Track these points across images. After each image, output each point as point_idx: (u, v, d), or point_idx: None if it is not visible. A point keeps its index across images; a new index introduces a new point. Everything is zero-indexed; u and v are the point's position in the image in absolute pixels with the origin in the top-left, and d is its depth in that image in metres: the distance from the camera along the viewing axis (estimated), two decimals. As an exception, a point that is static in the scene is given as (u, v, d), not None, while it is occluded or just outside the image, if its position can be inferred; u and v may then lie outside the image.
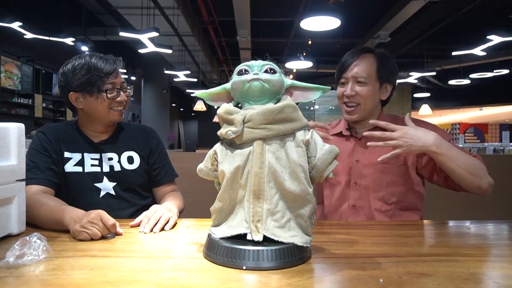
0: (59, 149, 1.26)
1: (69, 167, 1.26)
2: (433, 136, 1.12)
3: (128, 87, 1.31)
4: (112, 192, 1.29)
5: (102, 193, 1.28)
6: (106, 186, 1.28)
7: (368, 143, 1.15)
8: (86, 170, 1.27)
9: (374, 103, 1.32)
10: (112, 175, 1.29)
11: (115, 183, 1.29)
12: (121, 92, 1.27)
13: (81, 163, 1.27)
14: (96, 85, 1.21)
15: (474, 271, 0.72)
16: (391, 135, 1.12)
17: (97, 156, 1.29)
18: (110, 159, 1.31)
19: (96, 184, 1.27)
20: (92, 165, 1.28)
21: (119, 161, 1.32)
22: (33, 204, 1.04)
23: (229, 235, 0.75)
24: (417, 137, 1.11)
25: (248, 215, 0.73)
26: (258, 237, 0.72)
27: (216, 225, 0.80)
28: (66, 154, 1.27)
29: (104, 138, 1.33)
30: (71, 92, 1.25)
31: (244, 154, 0.74)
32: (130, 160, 1.34)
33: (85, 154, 1.28)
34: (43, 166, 1.20)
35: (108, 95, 1.24)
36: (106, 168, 1.29)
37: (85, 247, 0.85)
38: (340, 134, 1.41)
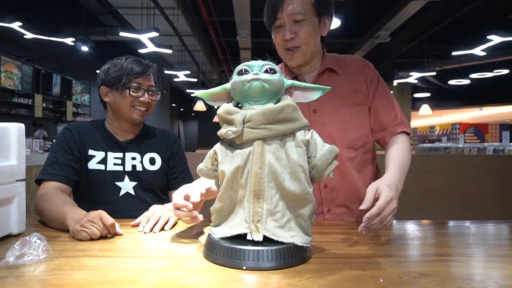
0: (83, 147, 1.30)
1: (92, 164, 1.30)
2: (393, 185, 1.00)
3: (156, 92, 1.37)
4: (132, 192, 1.32)
5: (122, 192, 1.31)
6: (127, 185, 1.31)
7: (363, 231, 0.87)
8: (108, 169, 1.31)
9: (316, 42, 1.21)
10: (133, 174, 1.33)
11: (135, 183, 1.33)
12: (146, 94, 1.32)
13: (104, 161, 1.31)
14: (123, 82, 1.29)
15: (474, 271, 0.72)
16: (380, 209, 0.88)
17: (120, 155, 1.33)
18: (133, 158, 1.35)
19: (117, 183, 1.30)
20: (114, 164, 1.32)
21: (141, 161, 1.35)
22: (43, 201, 1.10)
23: (229, 235, 0.75)
24: (393, 194, 0.94)
25: (248, 215, 0.73)
26: (258, 237, 0.72)
27: (216, 225, 0.80)
28: (90, 152, 1.31)
29: (129, 138, 1.38)
30: (102, 86, 1.34)
31: (244, 154, 0.74)
32: (152, 161, 1.38)
33: (109, 153, 1.33)
34: (63, 162, 1.24)
35: (132, 93, 1.30)
36: (128, 167, 1.33)
37: (85, 247, 0.85)
38: None
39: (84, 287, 0.62)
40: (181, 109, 19.02)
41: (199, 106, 11.14)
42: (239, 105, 0.81)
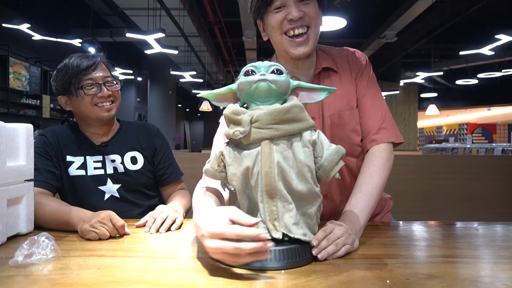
0: (60, 153, 1.26)
1: (73, 170, 1.26)
2: (355, 225, 0.89)
3: (114, 81, 1.27)
4: (117, 195, 1.29)
5: (107, 196, 1.28)
6: (110, 188, 1.28)
7: (319, 256, 0.75)
8: (89, 173, 1.27)
9: (320, 28, 1.05)
10: (115, 177, 1.29)
11: (119, 185, 1.29)
12: (103, 87, 1.24)
13: (84, 166, 1.27)
14: (74, 83, 1.20)
15: (482, 273, 0.71)
16: (335, 236, 0.79)
17: (99, 158, 1.29)
18: (113, 161, 1.30)
19: (100, 187, 1.27)
20: (95, 168, 1.28)
21: (122, 162, 1.31)
22: (35, 205, 1.04)
23: None
24: (351, 228, 0.85)
25: (264, 215, 0.73)
26: (278, 235, 0.72)
27: None
28: (69, 158, 1.27)
29: (105, 140, 1.32)
30: (59, 96, 1.27)
31: (252, 155, 0.74)
32: (134, 160, 1.33)
33: (88, 157, 1.28)
34: (42, 168, 1.20)
35: (86, 91, 1.21)
36: (109, 170, 1.29)
37: (92, 247, 0.86)
38: None
39: (91, 286, 0.62)
40: (187, 110, 19.09)
41: (205, 107, 11.17)
42: (245, 105, 0.82)
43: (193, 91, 12.69)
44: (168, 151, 1.42)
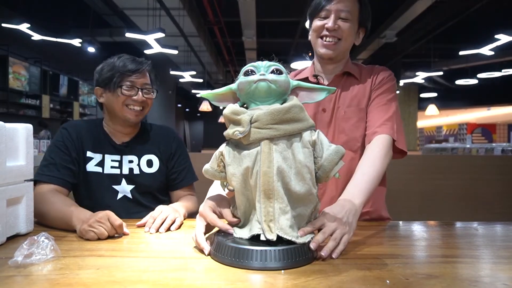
0: (81, 148, 1.28)
1: (90, 166, 1.28)
2: (348, 205, 0.91)
3: (152, 90, 1.33)
4: (129, 195, 1.30)
5: (119, 196, 1.30)
6: (124, 188, 1.30)
7: (323, 253, 0.78)
8: (105, 172, 1.29)
9: (351, 44, 1.25)
10: (130, 178, 1.31)
11: (133, 186, 1.31)
12: (140, 92, 1.28)
13: (101, 164, 1.29)
14: (114, 80, 1.26)
15: (482, 273, 0.71)
16: (330, 230, 0.81)
17: (117, 158, 1.31)
18: (130, 161, 1.32)
19: (114, 186, 1.29)
20: (112, 167, 1.30)
21: (138, 164, 1.33)
22: (43, 202, 1.06)
23: (247, 236, 0.76)
24: (344, 214, 0.86)
25: (260, 216, 0.73)
26: (272, 236, 0.72)
27: (240, 226, 0.82)
28: (89, 154, 1.29)
29: (126, 140, 1.35)
30: (96, 87, 1.32)
31: (252, 155, 0.74)
32: (149, 163, 1.35)
33: (106, 155, 1.30)
34: (60, 164, 1.22)
35: (123, 91, 1.26)
36: (125, 171, 1.31)
37: (92, 247, 0.86)
38: (305, 80, 1.29)
39: (91, 286, 0.62)
40: (187, 110, 19.08)
41: (205, 107, 11.17)
42: (245, 105, 0.82)
43: (193, 91, 12.69)
44: (184, 156, 1.43)
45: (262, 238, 0.73)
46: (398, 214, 1.44)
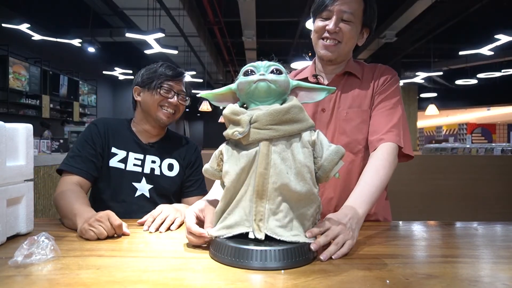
0: (107, 143, 1.33)
1: (113, 162, 1.32)
2: (352, 213, 0.90)
3: (186, 97, 1.40)
4: (147, 194, 1.33)
5: (138, 193, 1.33)
6: (143, 187, 1.33)
7: (322, 257, 0.77)
8: (127, 168, 1.33)
9: (352, 46, 1.23)
10: (151, 177, 1.35)
11: (151, 186, 1.34)
12: (175, 96, 1.36)
13: (124, 160, 1.33)
14: (155, 83, 1.34)
15: (482, 273, 0.71)
16: (333, 234, 0.81)
17: (141, 156, 1.36)
18: (153, 162, 1.37)
19: (134, 183, 1.32)
20: (134, 165, 1.34)
21: (160, 166, 1.37)
22: (61, 199, 1.13)
23: (230, 235, 0.75)
24: (348, 221, 0.86)
25: (251, 214, 0.74)
26: (261, 236, 0.72)
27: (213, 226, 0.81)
28: (113, 150, 1.33)
29: (152, 141, 1.41)
30: (135, 86, 1.40)
31: (250, 155, 0.74)
32: (171, 167, 1.40)
33: (130, 153, 1.35)
34: (86, 157, 1.27)
35: (161, 91, 1.33)
36: (147, 170, 1.35)
37: (92, 247, 0.86)
38: (306, 80, 1.28)
39: (91, 286, 0.62)
40: (187, 110, 19.06)
41: (205, 107, 11.16)
42: (245, 105, 0.82)
43: (193, 91, 12.68)
44: (201, 168, 1.43)
45: (251, 236, 0.73)
46: (398, 214, 1.44)
